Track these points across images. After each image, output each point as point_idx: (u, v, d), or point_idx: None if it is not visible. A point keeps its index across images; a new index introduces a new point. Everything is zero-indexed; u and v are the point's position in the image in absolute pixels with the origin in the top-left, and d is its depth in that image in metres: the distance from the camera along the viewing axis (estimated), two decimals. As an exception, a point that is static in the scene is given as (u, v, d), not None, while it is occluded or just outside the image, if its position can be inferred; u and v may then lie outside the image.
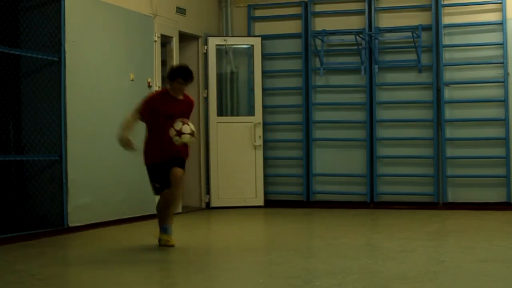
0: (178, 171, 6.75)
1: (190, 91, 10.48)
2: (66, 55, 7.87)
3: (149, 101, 6.83)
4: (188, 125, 6.55)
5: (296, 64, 10.81)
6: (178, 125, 6.53)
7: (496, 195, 9.91)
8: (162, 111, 6.72)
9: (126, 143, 6.60)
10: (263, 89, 10.81)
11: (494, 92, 9.96)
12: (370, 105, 10.39)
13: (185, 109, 6.88)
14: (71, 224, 7.87)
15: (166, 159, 6.76)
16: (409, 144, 10.34)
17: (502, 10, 9.85)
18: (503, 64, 9.84)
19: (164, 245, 6.83)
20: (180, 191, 6.86)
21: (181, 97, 6.92)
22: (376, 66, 10.31)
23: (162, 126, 6.68)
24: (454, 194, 10.12)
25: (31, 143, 7.82)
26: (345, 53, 10.58)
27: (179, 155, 6.82)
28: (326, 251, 6.61)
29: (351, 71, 10.54)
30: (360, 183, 10.53)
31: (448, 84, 10.09)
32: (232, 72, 11.05)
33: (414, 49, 10.09)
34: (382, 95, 10.44)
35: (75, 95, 7.93)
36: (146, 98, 6.92)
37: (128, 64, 8.87)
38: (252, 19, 11.02)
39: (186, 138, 6.55)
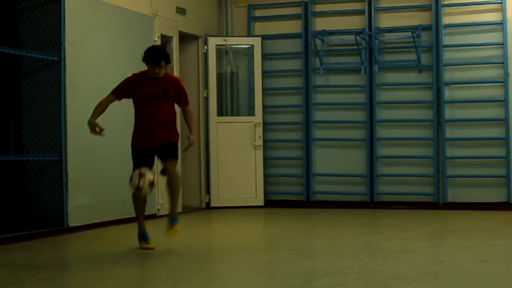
0: (172, 166, 6.67)
1: (190, 91, 10.55)
2: (66, 55, 7.87)
3: (125, 82, 6.82)
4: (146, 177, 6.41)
5: (296, 64, 10.81)
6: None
7: (496, 195, 9.91)
8: (138, 91, 6.67)
9: (92, 127, 6.55)
10: (263, 89, 10.80)
11: (494, 92, 9.96)
12: (370, 105, 10.39)
13: (167, 88, 6.72)
14: (71, 224, 7.87)
15: (152, 144, 6.69)
16: (409, 144, 10.33)
17: (502, 10, 9.85)
18: (503, 64, 9.84)
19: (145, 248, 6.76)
20: (178, 186, 6.79)
21: (160, 76, 6.74)
22: (376, 66, 10.31)
23: (144, 106, 6.68)
24: (454, 194, 10.11)
25: (31, 143, 7.81)
26: (345, 53, 10.57)
27: (168, 140, 6.75)
28: (326, 251, 6.61)
29: (351, 71, 10.54)
30: (360, 183, 10.53)
31: (448, 84, 10.09)
32: (232, 72, 11.05)
33: (414, 49, 10.08)
34: (382, 95, 10.44)
35: (75, 95, 7.93)
36: (124, 79, 6.89)
37: (128, 64, 8.84)
38: (252, 19, 11.02)
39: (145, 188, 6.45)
